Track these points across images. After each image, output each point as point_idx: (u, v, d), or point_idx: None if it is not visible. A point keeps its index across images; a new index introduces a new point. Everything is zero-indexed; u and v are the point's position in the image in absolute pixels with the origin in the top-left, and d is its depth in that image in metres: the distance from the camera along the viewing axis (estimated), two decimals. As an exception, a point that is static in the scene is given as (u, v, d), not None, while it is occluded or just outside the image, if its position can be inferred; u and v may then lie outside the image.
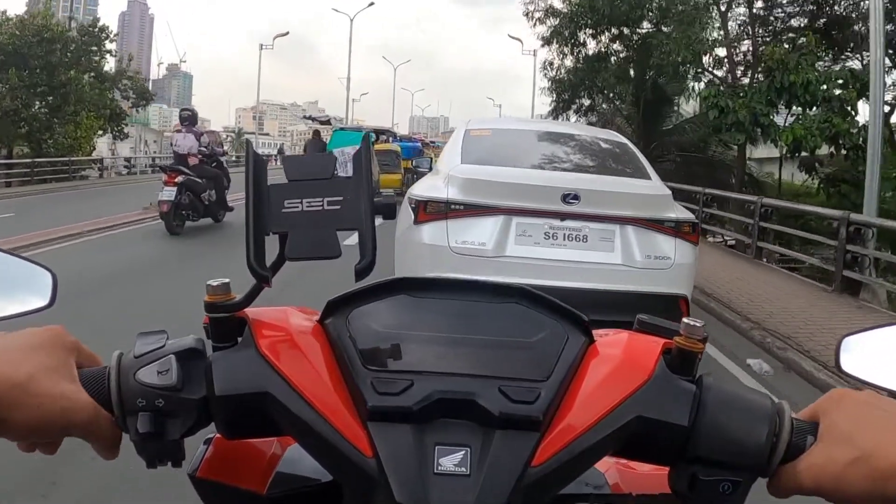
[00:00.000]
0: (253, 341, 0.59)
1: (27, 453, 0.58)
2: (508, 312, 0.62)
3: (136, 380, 0.56)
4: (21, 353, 0.54)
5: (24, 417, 0.53)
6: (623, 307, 3.83)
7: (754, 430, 0.56)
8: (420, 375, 0.56)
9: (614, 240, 3.99)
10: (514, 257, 3.91)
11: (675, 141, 20.00)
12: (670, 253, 4.01)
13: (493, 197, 3.95)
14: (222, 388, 0.57)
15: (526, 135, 5.01)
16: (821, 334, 5.61)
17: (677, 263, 4.02)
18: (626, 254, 3.98)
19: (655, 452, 0.58)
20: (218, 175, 10.63)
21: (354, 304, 0.61)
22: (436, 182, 4.33)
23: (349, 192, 0.58)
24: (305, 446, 0.58)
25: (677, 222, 4.09)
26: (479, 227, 3.92)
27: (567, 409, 0.55)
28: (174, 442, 0.57)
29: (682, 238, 4.08)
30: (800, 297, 7.36)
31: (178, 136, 10.48)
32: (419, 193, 4.22)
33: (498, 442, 0.53)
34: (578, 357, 0.59)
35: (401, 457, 0.52)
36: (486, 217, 3.93)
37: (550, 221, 3.96)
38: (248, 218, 0.57)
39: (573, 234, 3.98)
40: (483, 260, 3.86)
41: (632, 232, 3.99)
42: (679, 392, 0.57)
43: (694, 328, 0.58)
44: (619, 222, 3.99)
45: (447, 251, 3.88)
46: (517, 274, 3.77)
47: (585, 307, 0.63)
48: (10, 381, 0.52)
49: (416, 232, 4.00)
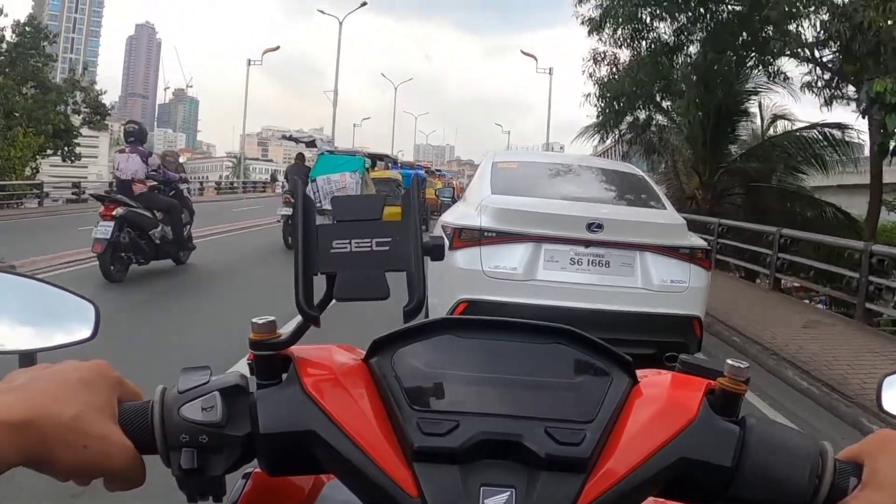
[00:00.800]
0: (298, 379, 0.59)
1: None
2: (552, 353, 0.62)
3: (180, 415, 0.57)
4: (68, 390, 0.54)
5: (69, 458, 0.52)
6: (643, 327, 4.24)
7: (797, 471, 0.56)
8: (465, 416, 0.56)
9: (634, 265, 4.38)
10: (543, 281, 4.29)
11: (740, 169, 16.60)
12: (685, 277, 4.40)
13: (523, 225, 4.34)
14: (267, 425, 0.57)
15: (550, 167, 5.45)
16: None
17: (692, 287, 4.40)
18: (645, 278, 4.36)
19: (698, 493, 0.58)
20: (174, 206, 8.41)
21: (399, 343, 0.62)
22: (468, 210, 4.73)
23: (398, 232, 0.60)
24: (349, 485, 0.58)
25: (692, 249, 4.48)
26: (510, 252, 4.31)
27: (612, 451, 0.56)
28: (216, 478, 0.57)
29: (696, 264, 4.46)
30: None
31: (119, 158, 8.10)
32: (452, 221, 4.61)
33: (543, 483, 0.53)
34: (622, 398, 0.59)
35: (447, 497, 0.53)
36: (517, 244, 4.32)
37: (576, 248, 4.35)
38: (297, 258, 0.58)
39: (597, 260, 4.37)
40: (515, 283, 4.25)
41: (650, 258, 4.38)
42: (723, 433, 0.57)
43: (738, 369, 0.59)
44: (639, 249, 4.38)
45: (481, 275, 4.26)
46: (547, 297, 4.16)
47: (608, 327, 0.81)
48: (58, 420, 0.52)
49: (450, 257, 4.38)
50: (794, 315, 7.99)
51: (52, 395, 0.52)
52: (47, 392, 0.52)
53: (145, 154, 8.10)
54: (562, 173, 5.36)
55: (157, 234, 7.98)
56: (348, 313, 4.61)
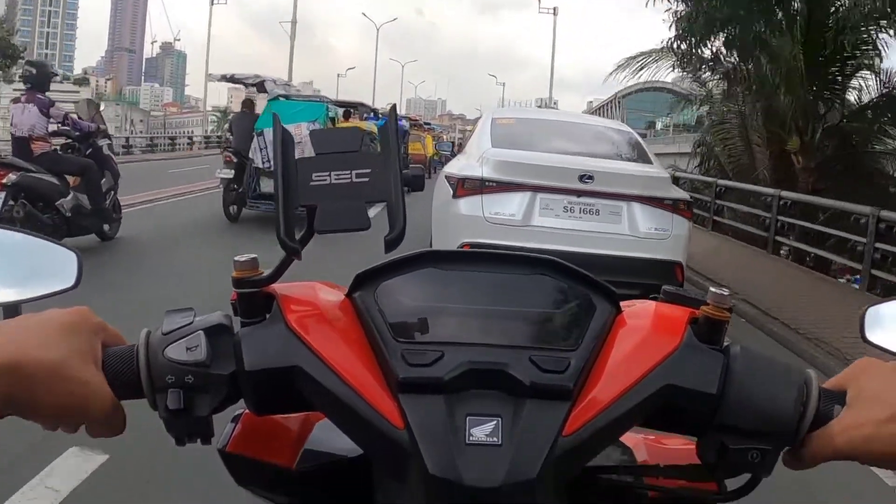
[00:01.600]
0: (282, 316, 0.59)
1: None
2: (536, 284, 0.63)
3: (164, 357, 0.57)
4: (51, 335, 0.54)
5: (54, 402, 0.53)
6: (629, 270, 4.71)
7: (782, 398, 0.56)
8: (450, 346, 0.57)
9: (622, 214, 4.84)
10: (538, 227, 4.75)
11: (840, 129, 12.45)
12: (668, 226, 4.87)
13: (521, 176, 4.78)
14: (252, 362, 0.58)
15: (545, 123, 5.91)
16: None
17: (674, 235, 4.88)
18: (632, 225, 4.83)
19: (684, 422, 0.60)
20: (89, 168, 6.63)
21: (382, 277, 0.62)
22: (470, 162, 5.15)
23: (377, 164, 0.60)
24: (335, 420, 0.59)
25: (674, 200, 4.95)
26: (509, 201, 4.76)
27: (596, 379, 0.57)
28: (203, 418, 0.58)
29: (679, 214, 4.93)
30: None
31: (14, 111, 6.47)
32: (456, 172, 5.05)
33: (529, 411, 0.54)
34: (607, 327, 0.60)
35: (432, 428, 0.53)
36: (515, 193, 4.77)
37: (569, 197, 4.80)
38: (278, 192, 0.59)
39: (587, 209, 4.82)
40: (513, 228, 4.70)
41: (636, 207, 4.84)
42: (707, 360, 0.58)
43: (721, 297, 0.59)
44: (626, 199, 4.83)
45: (482, 220, 4.71)
46: (542, 241, 4.62)
47: (597, 270, 0.69)
48: (43, 365, 0.52)
49: (454, 205, 4.83)
50: None
51: (34, 340, 0.53)
52: (30, 338, 0.53)
53: (46, 104, 6.43)
54: (557, 129, 5.80)
55: (67, 204, 6.27)
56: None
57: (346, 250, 4.01)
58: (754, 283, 7.27)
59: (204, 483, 2.24)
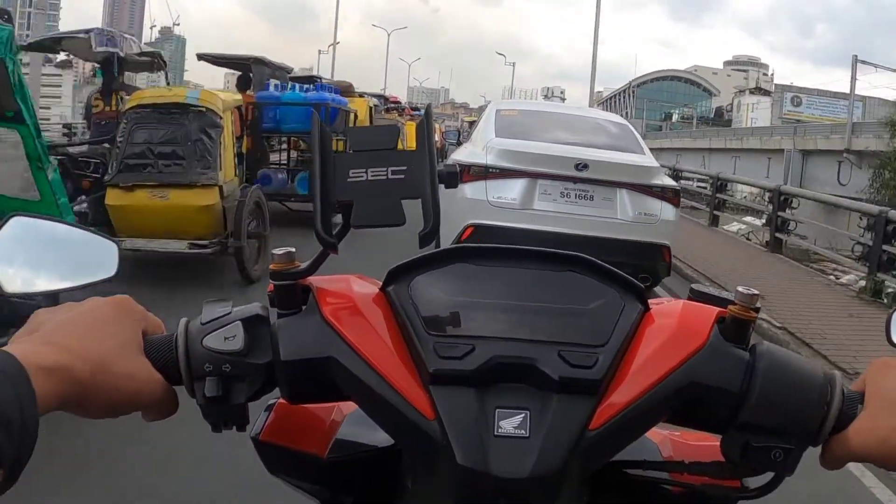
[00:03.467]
0: (317, 308, 0.63)
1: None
2: (566, 280, 0.66)
3: (203, 346, 0.60)
4: (94, 329, 0.56)
5: (102, 397, 0.55)
6: (620, 252, 5.27)
7: (806, 398, 0.59)
8: (481, 340, 0.60)
9: (614, 199, 5.41)
10: (537, 210, 5.33)
11: None
12: (657, 211, 5.45)
13: (522, 164, 5.34)
14: (288, 353, 0.61)
15: (546, 115, 6.50)
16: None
17: (662, 220, 5.46)
18: (623, 210, 5.41)
19: (708, 419, 0.62)
20: None
21: (415, 271, 0.66)
22: (475, 150, 5.73)
23: (413, 161, 0.63)
24: (368, 410, 0.62)
25: (663, 188, 5.53)
26: (511, 186, 5.34)
27: (623, 375, 0.59)
28: (239, 406, 0.61)
29: (667, 201, 5.51)
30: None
31: None
32: (462, 159, 5.63)
33: (557, 405, 0.57)
34: (634, 324, 0.62)
35: (462, 419, 0.56)
36: (517, 179, 5.35)
37: (566, 184, 5.38)
38: (315, 187, 0.62)
39: (583, 194, 5.41)
40: (514, 211, 5.28)
41: (627, 194, 5.42)
42: (733, 359, 0.60)
43: (749, 297, 0.61)
44: (619, 186, 5.41)
45: (486, 204, 5.29)
46: (540, 223, 5.20)
47: (590, 251, 0.73)
48: (89, 362, 0.54)
49: (460, 190, 5.38)
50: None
51: (79, 336, 0.55)
52: (76, 334, 0.55)
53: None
54: (556, 121, 6.37)
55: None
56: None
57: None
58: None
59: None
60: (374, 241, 4.17)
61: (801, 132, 33.41)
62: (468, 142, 6.70)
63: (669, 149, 44.69)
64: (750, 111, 68.14)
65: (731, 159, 36.27)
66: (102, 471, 2.73)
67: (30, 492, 2.21)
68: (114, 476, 2.70)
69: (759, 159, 34.74)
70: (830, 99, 65.39)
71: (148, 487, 2.65)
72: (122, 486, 2.64)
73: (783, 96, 64.91)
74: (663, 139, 52.21)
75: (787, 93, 65.48)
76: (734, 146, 38.51)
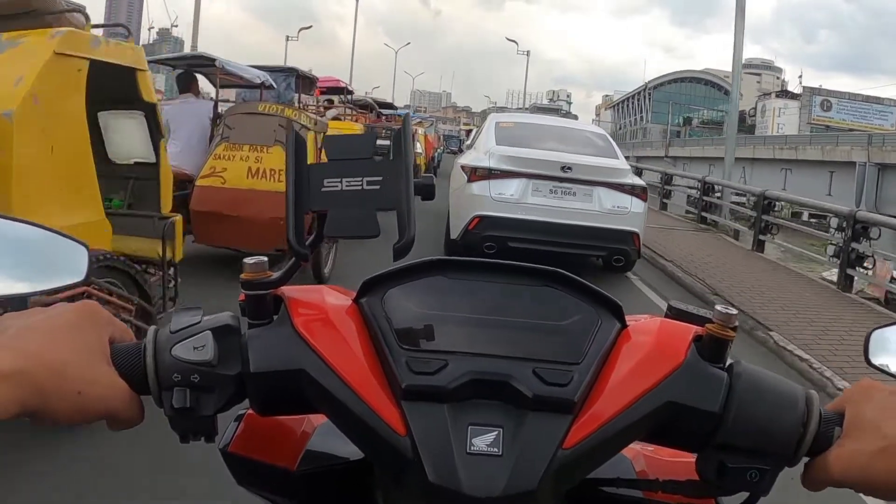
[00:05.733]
0: (289, 319, 0.63)
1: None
2: (542, 295, 0.67)
3: (172, 355, 0.60)
4: (59, 335, 0.57)
5: (65, 405, 0.55)
6: (597, 237, 6.88)
7: (783, 419, 0.60)
8: (455, 356, 0.61)
9: (593, 195, 6.96)
10: (531, 203, 6.87)
11: None
12: (627, 204, 7.00)
13: (518, 166, 6.90)
14: (258, 364, 0.62)
15: (537, 127, 8.18)
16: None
17: (632, 212, 7.00)
18: (600, 204, 6.95)
19: (684, 438, 0.63)
20: None
21: (390, 284, 0.66)
22: (479, 156, 7.32)
23: (389, 171, 0.64)
24: (339, 424, 0.63)
25: (633, 186, 7.09)
26: (509, 184, 6.90)
27: (599, 393, 0.60)
28: (208, 417, 0.61)
29: (636, 196, 7.06)
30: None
31: None
32: (469, 163, 7.24)
33: (531, 423, 0.58)
34: (611, 341, 0.64)
35: (434, 436, 0.57)
36: (514, 179, 6.91)
37: (553, 183, 6.93)
38: (289, 196, 0.63)
39: (567, 191, 6.96)
40: (512, 204, 6.82)
41: (603, 191, 6.96)
42: (710, 379, 0.61)
43: (727, 316, 0.63)
44: (596, 185, 6.96)
45: (489, 199, 6.86)
46: (533, 214, 6.74)
47: (574, 236, 1.92)
48: (49, 368, 0.54)
49: (468, 188, 7.00)
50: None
51: (42, 342, 0.55)
52: (37, 339, 0.55)
53: None
54: (546, 132, 8.03)
55: None
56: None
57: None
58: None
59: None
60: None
61: (877, 141, 28.40)
62: (472, 149, 8.34)
63: (700, 158, 41.29)
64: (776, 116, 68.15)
65: (781, 172, 32.71)
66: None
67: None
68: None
69: (818, 173, 30.21)
70: (862, 103, 65.21)
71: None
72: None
73: (812, 100, 64.21)
74: (693, 146, 47.51)
75: (816, 96, 64.81)
76: (786, 156, 33.67)
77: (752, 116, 73.75)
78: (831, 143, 31.82)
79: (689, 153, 44.62)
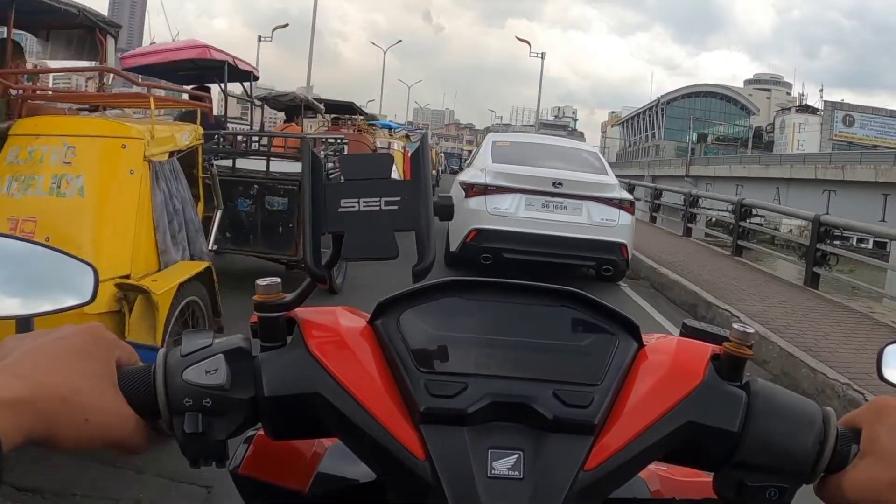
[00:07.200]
0: (303, 342, 0.64)
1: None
2: (559, 316, 0.68)
3: (183, 379, 0.60)
4: (64, 360, 0.56)
5: (71, 433, 0.55)
6: (587, 247, 7.49)
7: (801, 437, 0.61)
8: (473, 378, 0.61)
9: (582, 208, 7.56)
10: (525, 217, 7.48)
11: None
12: (615, 217, 7.60)
13: (513, 182, 7.53)
14: (272, 388, 0.62)
15: (531, 146, 8.88)
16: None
17: (620, 224, 7.60)
18: (589, 217, 7.55)
19: (702, 458, 0.64)
20: None
21: (404, 305, 0.66)
22: (476, 172, 7.97)
23: (408, 192, 0.65)
24: (354, 448, 0.63)
25: (620, 199, 7.71)
26: (505, 199, 7.52)
27: (619, 414, 0.61)
28: (219, 442, 0.61)
29: (623, 209, 7.67)
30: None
31: None
32: (467, 179, 7.89)
33: (552, 446, 0.58)
34: (629, 362, 0.64)
35: (454, 460, 0.57)
36: (509, 194, 7.53)
37: (545, 197, 7.55)
38: (306, 217, 0.63)
39: (558, 205, 7.58)
40: (507, 218, 7.42)
41: (592, 204, 7.56)
42: (729, 398, 0.62)
43: (744, 334, 0.64)
44: (585, 199, 7.57)
45: (486, 213, 7.48)
46: (527, 227, 7.34)
47: (565, 247, 2.27)
48: (56, 396, 0.54)
49: (466, 203, 7.61)
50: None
51: (47, 368, 0.55)
52: (42, 366, 0.55)
53: None
54: (539, 150, 8.71)
55: None
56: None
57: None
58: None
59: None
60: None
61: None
62: (470, 167, 9.04)
63: (727, 177, 39.01)
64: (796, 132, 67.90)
65: (823, 194, 29.80)
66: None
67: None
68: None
69: (870, 195, 27.33)
70: (886, 118, 64.14)
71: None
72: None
73: (833, 115, 63.79)
74: (718, 164, 44.80)
75: (839, 111, 64.11)
76: (829, 177, 30.32)
77: (770, 133, 73.31)
78: (887, 163, 28.56)
79: (713, 172, 42.65)
